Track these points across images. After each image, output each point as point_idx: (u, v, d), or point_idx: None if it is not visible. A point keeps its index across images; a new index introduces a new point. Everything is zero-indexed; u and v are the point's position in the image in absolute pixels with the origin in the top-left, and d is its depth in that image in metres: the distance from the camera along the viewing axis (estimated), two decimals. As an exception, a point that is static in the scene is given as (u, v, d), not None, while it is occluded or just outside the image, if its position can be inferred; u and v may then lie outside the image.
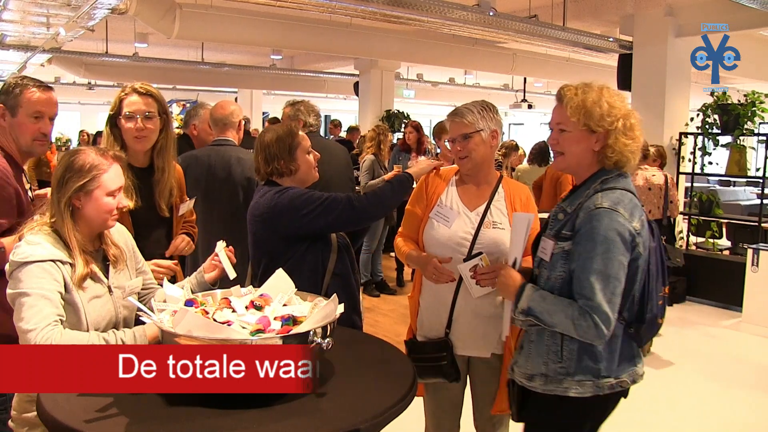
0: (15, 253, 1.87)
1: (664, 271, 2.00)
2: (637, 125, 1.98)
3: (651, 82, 7.80)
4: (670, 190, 5.28)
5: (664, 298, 1.99)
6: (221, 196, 3.44)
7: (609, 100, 1.95)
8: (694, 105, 8.01)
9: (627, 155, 1.96)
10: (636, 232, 1.88)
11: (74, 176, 1.93)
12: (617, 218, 1.86)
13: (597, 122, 1.93)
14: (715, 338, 5.99)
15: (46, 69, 14.20)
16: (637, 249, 1.88)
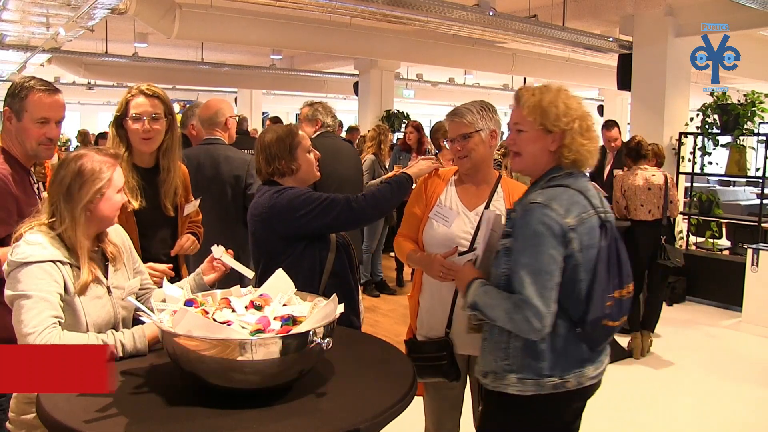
0: (14, 252, 1.86)
1: (621, 273, 1.94)
2: (593, 127, 2.00)
3: (651, 82, 7.80)
4: (669, 190, 5.27)
5: (619, 300, 1.94)
6: (209, 194, 3.45)
7: (566, 101, 1.96)
8: (694, 105, 8.02)
9: (584, 155, 1.97)
10: (569, 228, 1.86)
11: (88, 181, 1.92)
12: (548, 212, 1.86)
13: (553, 122, 1.94)
14: (715, 338, 5.99)
15: (45, 69, 14.19)
16: (570, 245, 1.86)
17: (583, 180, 2.01)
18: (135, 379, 1.71)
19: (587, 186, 2.00)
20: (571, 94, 2.01)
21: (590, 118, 2.00)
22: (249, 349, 1.53)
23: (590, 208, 1.93)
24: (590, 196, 1.96)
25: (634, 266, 5.72)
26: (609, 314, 1.91)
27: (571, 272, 1.88)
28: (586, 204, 1.93)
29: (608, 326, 1.94)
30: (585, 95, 19.76)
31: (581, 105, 2.00)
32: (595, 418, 4.18)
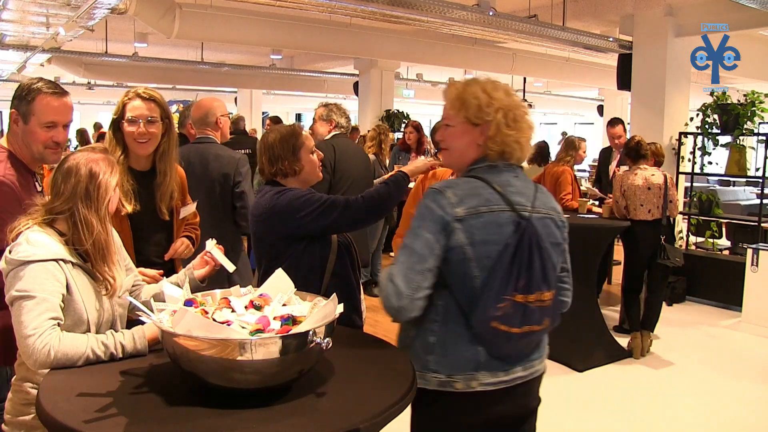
0: (16, 251, 1.84)
1: (531, 276, 1.81)
2: (524, 118, 1.93)
3: (651, 81, 7.80)
4: (669, 190, 5.27)
5: (523, 305, 1.80)
6: (198, 192, 3.46)
7: (490, 92, 1.91)
8: (694, 105, 8.01)
9: (511, 146, 1.91)
10: (455, 218, 1.81)
11: (103, 182, 1.95)
12: (437, 198, 1.84)
13: (475, 114, 1.90)
14: (714, 338, 6.00)
15: (45, 69, 14.18)
16: (454, 236, 1.81)
17: (508, 174, 1.93)
18: (135, 379, 1.71)
19: (510, 181, 1.91)
20: (500, 85, 1.96)
21: (519, 109, 1.93)
22: (249, 349, 1.52)
23: (499, 204, 1.85)
24: (508, 192, 1.88)
25: (634, 266, 5.76)
26: (501, 317, 1.79)
27: (460, 265, 1.82)
28: (494, 198, 1.85)
29: (502, 331, 1.81)
30: (585, 95, 19.82)
31: (510, 96, 1.94)
32: (595, 417, 4.19)
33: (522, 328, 1.83)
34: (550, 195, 2.02)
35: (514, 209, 1.86)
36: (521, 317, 1.82)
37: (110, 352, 1.82)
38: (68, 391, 1.63)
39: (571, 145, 6.22)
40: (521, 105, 1.96)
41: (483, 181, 1.88)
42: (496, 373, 1.89)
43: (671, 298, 6.87)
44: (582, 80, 13.98)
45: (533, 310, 1.83)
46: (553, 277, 1.90)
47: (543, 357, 2.03)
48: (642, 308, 5.43)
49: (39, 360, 1.75)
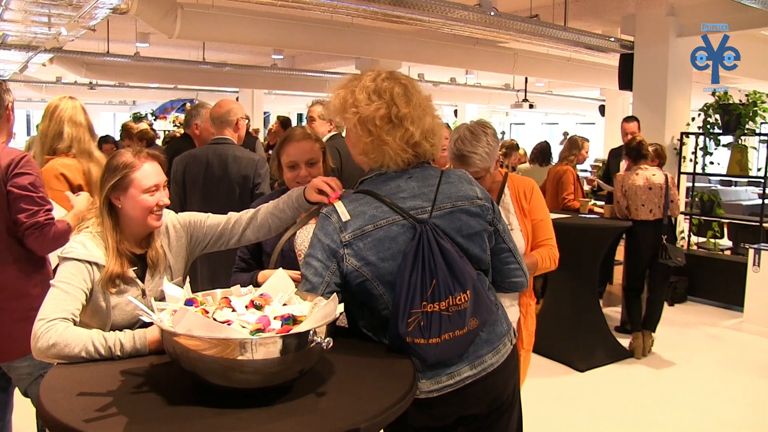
0: (63, 249, 1.97)
1: (436, 283, 1.71)
2: (396, 114, 1.78)
3: (652, 82, 7.80)
4: (670, 190, 5.27)
5: (431, 314, 1.72)
6: (218, 193, 3.47)
7: (353, 91, 1.81)
8: (696, 105, 8.01)
9: (384, 149, 1.80)
10: (342, 243, 1.76)
11: (109, 176, 2.03)
12: (324, 225, 1.80)
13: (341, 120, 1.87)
14: (716, 338, 5.99)
15: (47, 69, 14.22)
16: (345, 261, 1.76)
17: (399, 179, 1.82)
18: (135, 379, 1.71)
19: (401, 186, 1.81)
20: (367, 75, 1.84)
21: (382, 109, 1.78)
22: (249, 349, 1.52)
23: (387, 216, 1.76)
24: (398, 200, 1.79)
25: (636, 266, 5.76)
26: (413, 331, 1.71)
27: (364, 286, 1.78)
28: (381, 212, 1.76)
29: (420, 344, 1.73)
30: (586, 95, 19.81)
31: (384, 98, 1.80)
32: (596, 417, 4.19)
33: (442, 337, 1.74)
34: (461, 182, 1.89)
35: (407, 216, 1.77)
36: (437, 326, 1.73)
37: (108, 347, 1.83)
38: (69, 389, 1.63)
39: (574, 145, 6.21)
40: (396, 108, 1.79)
41: (369, 195, 1.79)
42: (438, 379, 1.82)
43: (673, 298, 6.87)
44: (583, 80, 13.97)
45: (448, 316, 1.74)
46: (467, 276, 1.76)
47: (497, 348, 1.92)
48: (643, 308, 5.43)
49: (40, 343, 1.79)
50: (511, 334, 2.01)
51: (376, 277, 1.77)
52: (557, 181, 6.03)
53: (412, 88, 1.84)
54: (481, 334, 1.89)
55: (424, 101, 1.85)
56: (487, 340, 1.91)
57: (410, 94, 1.82)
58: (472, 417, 1.93)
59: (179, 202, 3.59)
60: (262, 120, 19.14)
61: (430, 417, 1.88)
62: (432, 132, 1.83)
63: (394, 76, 1.86)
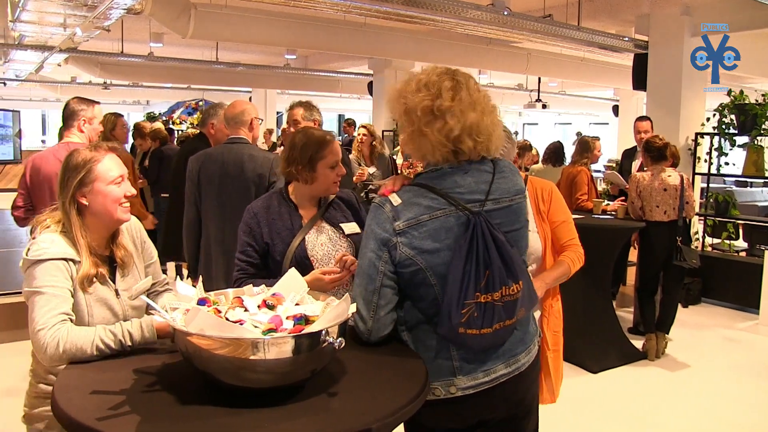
0: (30, 250, 1.91)
1: (491, 274, 1.73)
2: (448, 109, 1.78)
3: (667, 82, 7.75)
4: (685, 191, 5.23)
5: (485, 305, 1.73)
6: (233, 193, 3.48)
7: (402, 93, 1.86)
8: (710, 105, 7.95)
9: (440, 144, 1.80)
10: (396, 232, 1.75)
11: (72, 174, 1.99)
12: (376, 214, 1.80)
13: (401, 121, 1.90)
14: (731, 340, 5.94)
15: (62, 69, 14.33)
16: (397, 250, 1.76)
17: (455, 175, 1.81)
18: (148, 377, 1.72)
19: (458, 182, 1.81)
20: (414, 77, 1.85)
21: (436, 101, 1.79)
22: (261, 348, 1.53)
23: (443, 207, 1.77)
24: (455, 194, 1.79)
25: (649, 267, 5.72)
26: (466, 322, 1.72)
27: (416, 276, 1.77)
28: (437, 204, 1.77)
29: (470, 335, 1.75)
30: (600, 95, 19.71)
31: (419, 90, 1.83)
32: (609, 419, 4.17)
33: (493, 327, 1.77)
34: (513, 175, 1.90)
35: (462, 208, 1.77)
36: (490, 317, 1.75)
37: (119, 340, 1.84)
38: (82, 388, 1.64)
39: (585, 147, 6.17)
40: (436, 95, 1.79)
41: (425, 188, 1.80)
42: (475, 375, 1.84)
43: (687, 300, 6.82)
44: (597, 80, 13.90)
45: (501, 306, 1.76)
46: (519, 267, 1.80)
47: (530, 348, 1.96)
48: (657, 310, 5.40)
49: (49, 353, 1.79)
50: (538, 336, 2.04)
51: (430, 267, 1.76)
52: (571, 181, 6.00)
53: (464, 84, 1.82)
54: (516, 333, 1.90)
55: (475, 98, 1.82)
56: (521, 339, 1.93)
57: (459, 89, 1.80)
58: (492, 421, 1.93)
59: (194, 201, 3.60)
60: (275, 120, 19.19)
61: (452, 418, 1.88)
62: (477, 129, 1.80)
63: (451, 72, 1.84)
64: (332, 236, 2.50)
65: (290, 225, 2.47)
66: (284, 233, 2.45)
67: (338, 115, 26.14)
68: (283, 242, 2.43)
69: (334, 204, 2.59)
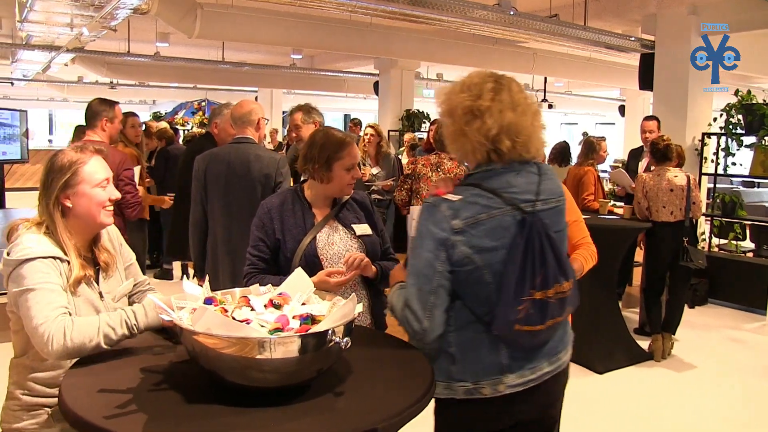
0: (14, 251, 1.86)
1: (546, 271, 1.77)
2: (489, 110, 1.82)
3: (673, 81, 7.72)
4: (692, 191, 5.21)
5: (541, 301, 1.77)
6: (240, 192, 3.48)
7: (449, 95, 1.91)
8: (718, 105, 7.91)
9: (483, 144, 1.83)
10: (454, 231, 1.76)
11: (57, 176, 1.94)
12: (432, 214, 1.79)
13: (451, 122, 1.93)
14: (737, 341, 5.92)
15: (69, 69, 14.38)
16: (456, 249, 1.76)
17: (507, 175, 1.84)
18: (154, 376, 1.72)
19: (510, 182, 1.83)
20: (459, 82, 1.91)
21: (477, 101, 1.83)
22: (268, 348, 1.53)
23: (500, 207, 1.79)
24: (509, 193, 1.81)
25: (656, 268, 5.70)
26: (522, 318, 1.76)
27: (472, 275, 1.78)
28: (493, 203, 1.79)
29: (525, 331, 1.79)
30: (606, 95, 19.67)
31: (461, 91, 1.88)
32: (615, 420, 4.16)
33: (545, 324, 1.81)
34: (556, 179, 1.95)
35: (517, 208, 1.80)
36: (543, 313, 1.79)
37: (124, 320, 1.84)
38: (89, 387, 1.65)
39: (590, 148, 6.16)
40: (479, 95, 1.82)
41: (480, 188, 1.82)
42: (523, 373, 1.86)
43: (693, 301, 6.80)
44: (603, 80, 13.88)
45: (554, 303, 1.80)
46: (569, 265, 1.86)
47: (567, 348, 2.01)
48: (663, 310, 5.38)
49: (55, 346, 1.75)
50: (572, 336, 2.06)
51: (488, 265, 1.78)
52: (578, 181, 5.99)
53: (506, 86, 1.85)
54: (559, 331, 1.94)
55: (516, 99, 1.84)
56: (562, 338, 1.97)
57: (500, 91, 1.83)
58: (525, 422, 1.95)
59: (200, 200, 3.61)
60: (281, 119, 19.21)
61: (491, 418, 1.89)
62: (515, 129, 1.81)
63: (495, 75, 1.89)
64: (343, 236, 2.50)
65: (302, 223, 2.47)
66: (296, 231, 2.45)
67: (344, 114, 26.14)
68: (294, 240, 2.43)
69: (347, 205, 2.59)
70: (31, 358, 1.94)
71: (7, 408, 2.00)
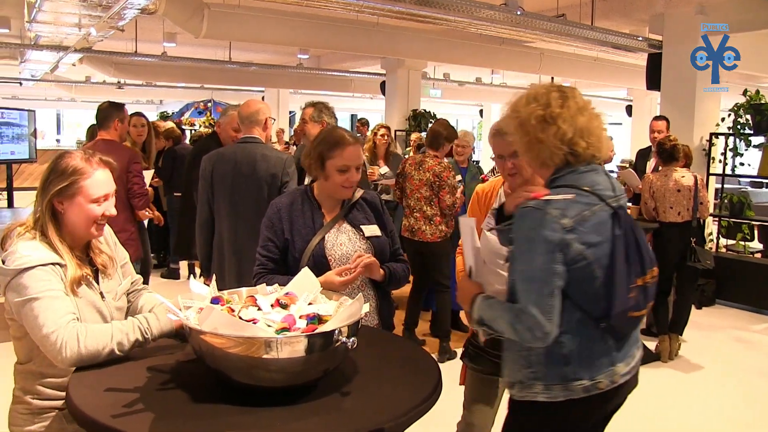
0: (10, 260, 1.83)
1: (642, 259, 1.88)
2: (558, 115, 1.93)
3: (681, 81, 7.68)
4: (699, 192, 5.19)
5: (644, 287, 1.89)
6: (246, 192, 3.49)
7: (516, 107, 2.02)
8: (725, 105, 7.88)
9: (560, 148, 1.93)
10: (566, 230, 1.79)
11: (56, 179, 1.91)
12: (541, 217, 1.80)
13: None
14: (745, 342, 5.90)
15: (77, 69, 14.43)
16: (571, 247, 1.79)
17: (590, 175, 1.92)
18: (161, 376, 1.73)
19: (595, 180, 1.92)
20: (523, 94, 2.06)
21: (547, 110, 1.94)
22: (274, 348, 1.53)
23: (596, 203, 1.86)
24: (597, 190, 1.89)
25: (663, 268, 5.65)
26: (634, 305, 1.86)
27: (583, 271, 1.82)
28: (591, 200, 1.86)
29: (634, 317, 1.90)
30: (613, 95, 19.60)
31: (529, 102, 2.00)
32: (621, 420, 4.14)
33: (647, 307, 1.93)
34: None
35: (607, 204, 1.88)
36: (646, 298, 1.91)
37: (137, 326, 1.85)
38: (97, 386, 1.66)
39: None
40: (546, 103, 1.93)
41: (575, 188, 1.88)
42: (627, 361, 1.95)
43: (700, 301, 6.77)
44: (610, 80, 13.84)
45: (650, 288, 1.93)
46: (651, 252, 1.97)
47: None
48: (670, 311, 5.36)
49: (69, 353, 1.74)
50: None
51: (597, 260, 1.83)
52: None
53: (570, 94, 1.97)
54: None
55: (581, 104, 1.96)
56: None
57: (566, 98, 1.95)
58: (610, 413, 2.06)
59: (207, 200, 3.62)
60: (287, 119, 19.24)
61: (600, 408, 1.97)
62: (588, 131, 1.92)
63: (557, 86, 2.01)
64: (352, 237, 2.48)
65: (311, 223, 2.45)
66: (304, 231, 2.43)
67: (351, 114, 26.15)
68: (303, 240, 2.41)
69: (357, 205, 2.56)
70: (38, 364, 1.92)
71: (15, 411, 1.98)
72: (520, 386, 1.93)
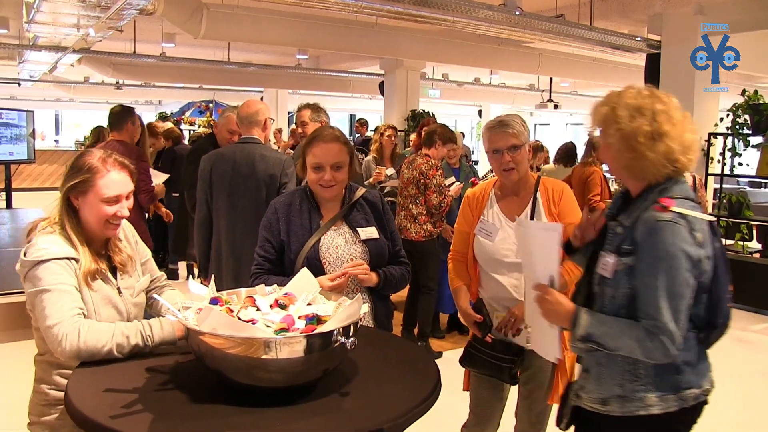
0: (29, 252, 1.89)
1: (728, 270, 1.90)
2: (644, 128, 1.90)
3: (679, 82, 7.69)
4: (698, 192, 5.19)
5: (731, 295, 1.92)
6: (245, 192, 3.49)
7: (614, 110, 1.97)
8: (724, 105, 7.88)
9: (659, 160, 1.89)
10: (699, 244, 1.78)
11: (73, 174, 1.98)
12: (677, 231, 1.75)
13: None
14: (745, 343, 5.90)
15: (75, 69, 14.42)
16: (702, 264, 1.79)
17: (688, 187, 1.92)
18: (160, 376, 1.72)
19: (691, 192, 1.92)
20: None
21: None
22: (273, 348, 1.53)
23: (705, 215, 1.85)
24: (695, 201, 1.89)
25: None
26: (730, 298, 1.89)
27: (702, 282, 1.82)
28: (700, 212, 1.84)
29: (726, 325, 1.94)
30: (612, 95, 19.57)
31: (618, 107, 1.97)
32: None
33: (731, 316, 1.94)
34: None
35: None
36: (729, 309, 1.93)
37: (139, 331, 1.85)
38: (95, 386, 1.65)
39: (594, 147, 6.14)
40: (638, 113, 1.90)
41: (690, 200, 1.86)
42: (710, 374, 1.98)
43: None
44: (609, 80, 13.83)
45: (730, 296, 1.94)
46: None
47: None
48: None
49: (68, 346, 1.77)
50: None
51: (707, 271, 1.83)
52: (584, 181, 5.97)
53: (671, 105, 1.94)
54: None
55: (684, 118, 1.93)
56: None
57: (671, 111, 1.91)
58: None
59: (205, 200, 3.62)
60: (286, 119, 19.23)
61: (694, 422, 2.02)
62: (690, 148, 1.89)
63: (654, 93, 1.96)
64: (349, 239, 2.41)
65: (308, 224, 2.40)
66: (301, 232, 2.39)
67: (349, 115, 26.15)
68: (299, 241, 2.36)
69: (357, 205, 2.49)
70: (54, 355, 1.95)
71: (34, 402, 2.04)
72: (620, 401, 1.88)
